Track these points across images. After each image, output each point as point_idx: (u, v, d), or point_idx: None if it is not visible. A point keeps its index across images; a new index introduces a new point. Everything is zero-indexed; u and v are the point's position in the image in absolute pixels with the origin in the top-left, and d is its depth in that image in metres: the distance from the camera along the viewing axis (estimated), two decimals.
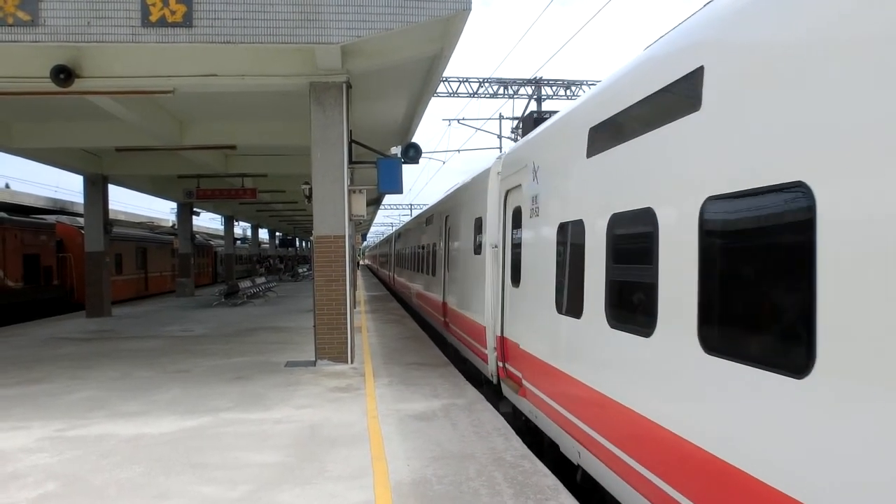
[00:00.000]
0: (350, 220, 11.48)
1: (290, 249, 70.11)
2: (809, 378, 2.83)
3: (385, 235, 55.99)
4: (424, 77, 12.63)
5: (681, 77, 4.02)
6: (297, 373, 10.65)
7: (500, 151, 12.35)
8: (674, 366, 3.96)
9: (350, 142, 11.56)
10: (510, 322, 8.23)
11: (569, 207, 5.94)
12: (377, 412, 7.94)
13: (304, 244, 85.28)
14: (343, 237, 11.16)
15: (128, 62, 10.77)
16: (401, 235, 28.84)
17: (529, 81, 22.43)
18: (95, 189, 21.90)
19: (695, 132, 3.84)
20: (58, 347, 14.44)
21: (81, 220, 24.85)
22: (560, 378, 6.03)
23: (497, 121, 26.41)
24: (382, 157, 11.81)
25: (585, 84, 22.86)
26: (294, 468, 5.93)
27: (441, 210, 15.14)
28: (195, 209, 33.16)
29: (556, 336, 6.19)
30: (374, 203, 37.64)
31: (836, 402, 2.69)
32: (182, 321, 19.88)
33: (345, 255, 11.18)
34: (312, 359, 11.58)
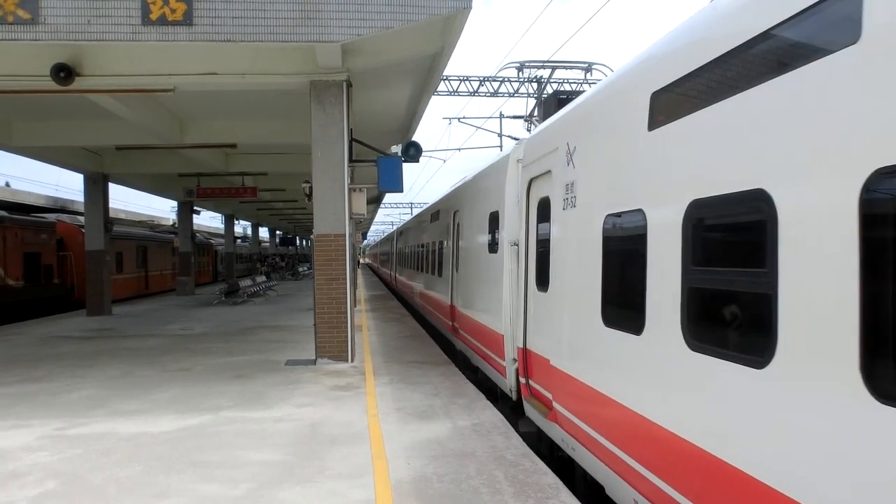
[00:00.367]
0: (350, 219, 11.48)
1: (291, 248, 70.13)
2: None
3: (386, 233, 55.77)
4: (425, 75, 12.63)
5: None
6: (298, 371, 10.65)
7: (501, 151, 11.85)
8: (816, 414, 2.79)
9: (350, 140, 11.55)
10: (535, 333, 7.09)
11: (620, 195, 4.81)
12: (377, 410, 7.94)
13: (305, 242, 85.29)
14: (343, 236, 11.16)
15: (128, 60, 10.76)
16: (403, 233, 27.60)
17: (545, 64, 19.59)
18: (96, 187, 21.91)
19: (849, 74, 2.70)
20: (58, 346, 14.44)
21: (82, 219, 24.84)
22: (610, 407, 4.86)
23: (498, 119, 26.36)
24: (383, 156, 11.81)
25: (606, 66, 19.70)
26: (295, 466, 5.94)
27: (449, 205, 13.91)
28: (195, 208, 33.17)
29: (604, 355, 5.05)
30: (375, 202, 37.63)
31: None
32: (182, 320, 19.88)
33: (345, 254, 11.18)
34: (313, 357, 11.59)
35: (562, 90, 8.90)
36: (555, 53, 18.37)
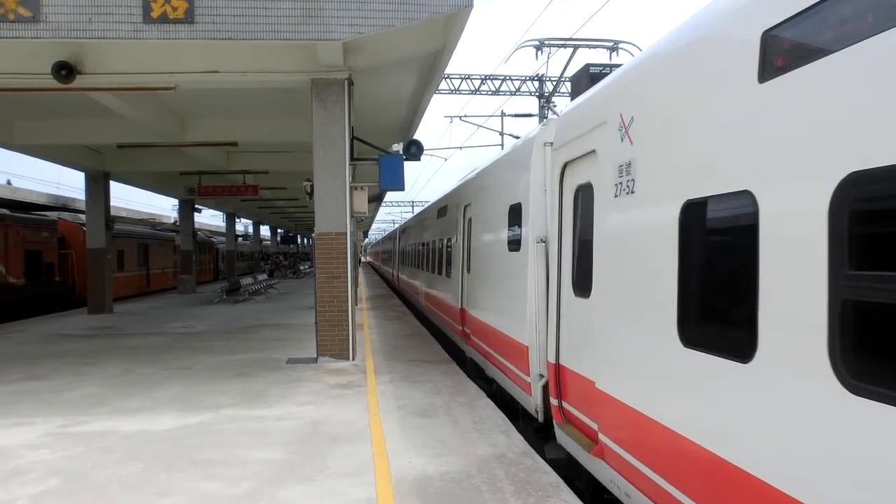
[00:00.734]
0: (351, 217, 11.48)
1: (292, 246, 70.16)
2: None
3: (388, 232, 55.60)
4: (426, 73, 12.62)
5: None
6: (299, 370, 10.65)
7: (502, 149, 11.46)
8: None
9: (352, 138, 11.55)
10: (573, 347, 5.98)
11: (712, 173, 3.64)
12: (379, 409, 7.94)
13: (306, 241, 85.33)
14: (345, 234, 11.16)
15: (129, 58, 10.76)
16: (407, 230, 26.25)
17: (566, 43, 17.26)
18: (97, 186, 21.91)
19: None
20: (60, 344, 14.46)
21: (83, 217, 24.88)
22: (692, 455, 3.72)
23: (499, 118, 26.33)
24: (384, 154, 11.81)
25: (634, 45, 17.47)
26: (296, 465, 5.94)
27: (458, 199, 12.57)
28: (197, 206, 33.20)
29: (683, 384, 3.86)
30: (376, 200, 37.62)
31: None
32: (183, 318, 19.90)
33: (346, 252, 11.18)
34: (314, 356, 11.59)
35: (594, 62, 7.89)
36: (577, 31, 17.03)
